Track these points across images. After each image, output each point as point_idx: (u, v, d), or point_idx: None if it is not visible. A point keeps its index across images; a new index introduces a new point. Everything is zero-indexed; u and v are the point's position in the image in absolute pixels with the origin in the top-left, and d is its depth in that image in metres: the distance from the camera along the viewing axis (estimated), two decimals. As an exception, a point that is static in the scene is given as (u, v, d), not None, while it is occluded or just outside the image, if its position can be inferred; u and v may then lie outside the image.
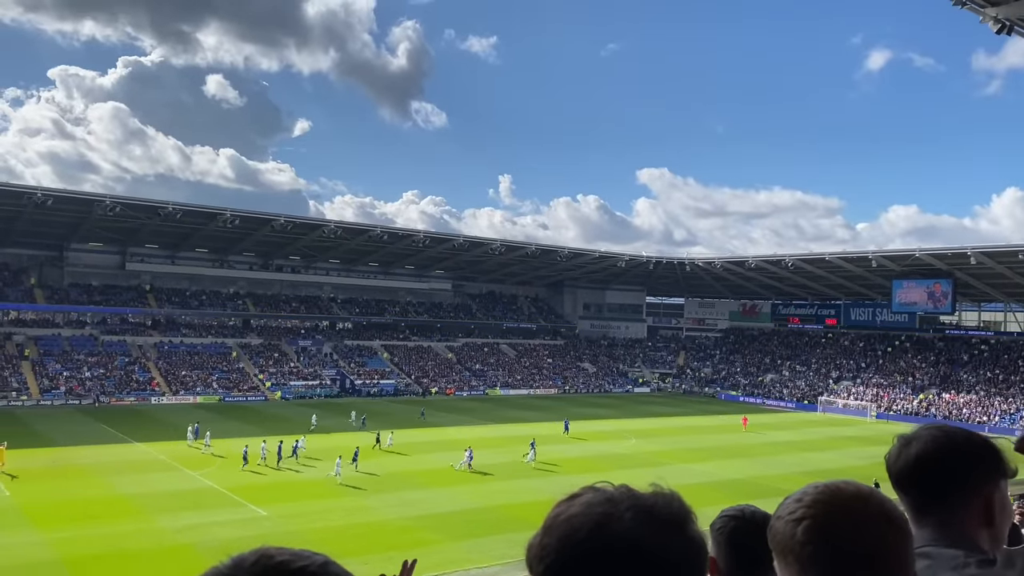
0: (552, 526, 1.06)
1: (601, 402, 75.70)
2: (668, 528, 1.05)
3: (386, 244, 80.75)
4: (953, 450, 1.62)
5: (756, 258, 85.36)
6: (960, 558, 1.49)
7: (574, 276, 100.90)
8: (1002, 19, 15.87)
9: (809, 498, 1.22)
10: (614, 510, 1.05)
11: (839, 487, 1.23)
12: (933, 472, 1.59)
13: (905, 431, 1.75)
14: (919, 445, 1.63)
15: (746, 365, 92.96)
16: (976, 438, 1.65)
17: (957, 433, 1.66)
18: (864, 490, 1.22)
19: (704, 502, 29.64)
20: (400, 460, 42.17)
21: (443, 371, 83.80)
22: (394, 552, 26.35)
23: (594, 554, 1.02)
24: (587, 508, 1.06)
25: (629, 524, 1.02)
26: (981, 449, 1.62)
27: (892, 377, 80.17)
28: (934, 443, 1.62)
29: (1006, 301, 78.74)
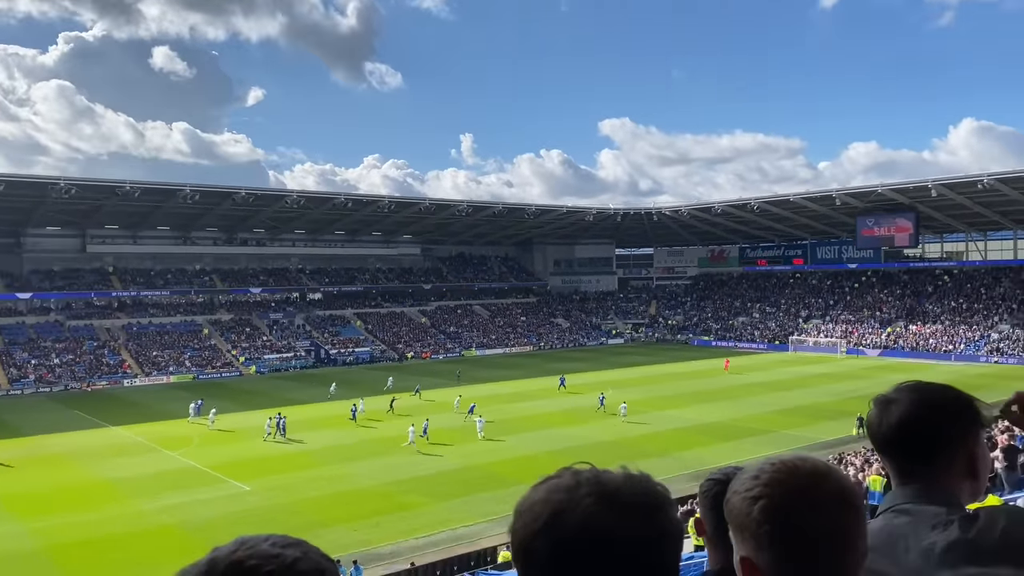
0: (519, 511, 1.07)
1: (576, 356, 76.29)
2: (632, 513, 1.04)
3: (351, 211, 79.90)
4: (934, 411, 1.61)
5: (722, 203, 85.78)
6: (942, 515, 1.49)
7: (543, 233, 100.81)
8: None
9: (766, 476, 1.21)
10: (574, 495, 1.04)
11: (796, 465, 1.22)
12: (917, 436, 1.60)
13: (873, 365, 1.72)
14: (899, 409, 1.63)
15: (717, 310, 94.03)
16: (951, 393, 1.65)
17: (934, 391, 1.65)
18: (820, 467, 1.22)
19: (686, 445, 30.17)
20: (385, 425, 42.20)
21: (417, 335, 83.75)
22: (380, 517, 26.56)
23: (553, 541, 1.02)
24: (549, 493, 1.06)
25: (590, 510, 1.02)
26: (959, 405, 1.63)
27: (860, 313, 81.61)
28: (914, 405, 1.62)
29: (967, 231, 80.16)
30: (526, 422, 42.10)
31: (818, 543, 1.16)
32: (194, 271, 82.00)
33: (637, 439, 37.67)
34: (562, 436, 38.41)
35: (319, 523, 25.80)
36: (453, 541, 24.34)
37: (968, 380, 52.15)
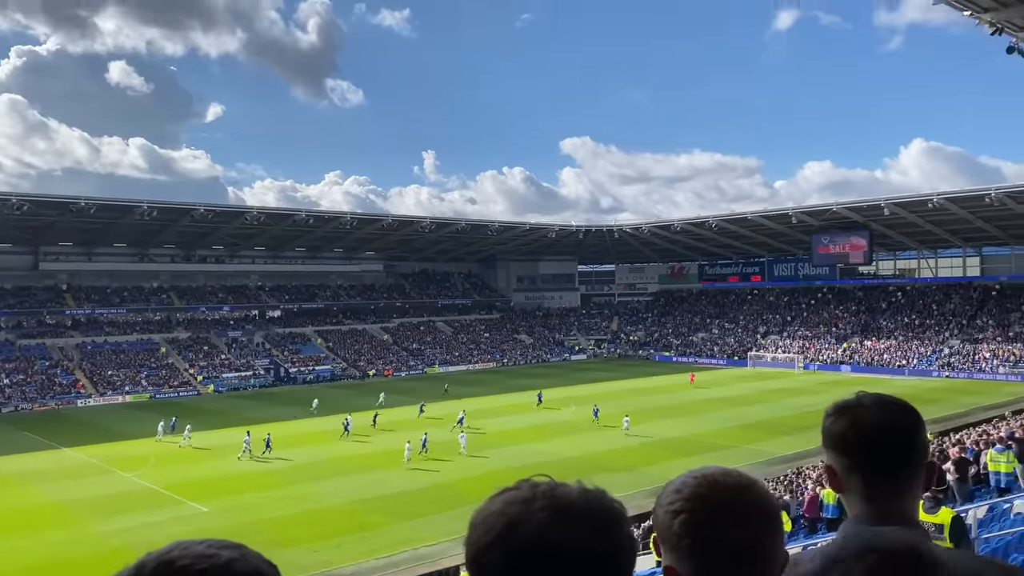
0: (474, 523, 1.06)
1: (540, 372, 76.38)
2: (586, 527, 1.03)
3: (312, 228, 79.31)
4: (908, 417, 1.61)
5: (681, 221, 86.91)
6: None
7: (506, 249, 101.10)
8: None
9: (688, 491, 1.23)
10: (528, 509, 1.03)
11: (717, 480, 1.23)
12: (891, 442, 1.59)
13: (830, 380, 1.79)
14: (869, 415, 1.61)
15: (677, 326, 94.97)
16: (911, 407, 1.64)
17: (895, 402, 1.63)
18: (743, 482, 1.23)
19: (650, 461, 30.29)
20: (348, 444, 41.76)
21: (380, 353, 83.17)
22: (342, 537, 26.25)
23: (505, 554, 1.02)
24: (504, 506, 1.05)
25: (543, 524, 1.01)
26: (919, 419, 1.63)
27: (817, 328, 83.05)
28: (887, 412, 1.61)
29: (919, 249, 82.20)
30: (495, 439, 41.99)
31: (738, 556, 1.18)
32: (151, 288, 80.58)
33: (602, 454, 37.81)
34: (530, 452, 38.39)
35: (278, 543, 25.41)
36: (415, 561, 24.14)
37: (922, 394, 53.34)
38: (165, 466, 37.58)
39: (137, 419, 52.21)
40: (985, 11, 18.26)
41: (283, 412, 52.95)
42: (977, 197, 63.78)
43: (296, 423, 48.60)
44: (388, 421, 48.36)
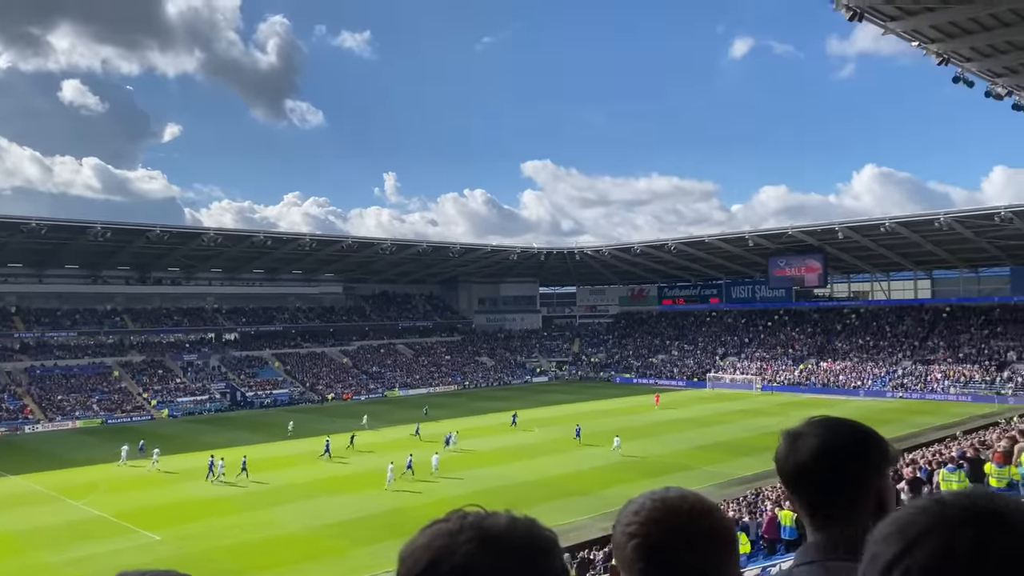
0: (402, 557, 1.06)
1: (501, 395, 76.18)
2: (513, 558, 1.02)
3: (270, 249, 78.44)
4: (846, 444, 1.61)
5: (641, 244, 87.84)
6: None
7: (468, 271, 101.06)
8: (853, 7, 16.91)
9: (644, 513, 1.25)
10: (454, 541, 1.02)
11: (674, 504, 1.24)
12: (830, 470, 1.58)
13: (787, 401, 1.80)
14: (811, 442, 1.62)
15: (637, 348, 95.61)
16: (860, 430, 1.64)
17: (844, 426, 1.64)
18: (699, 507, 1.24)
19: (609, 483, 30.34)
20: (308, 469, 41.09)
21: (339, 376, 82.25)
22: (300, 564, 25.77)
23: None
24: (431, 539, 1.04)
25: (469, 555, 1.01)
26: (867, 442, 1.62)
27: (774, 350, 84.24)
28: (826, 439, 1.61)
29: (872, 272, 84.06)
30: (465, 461, 41.68)
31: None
32: (104, 311, 78.81)
33: (561, 477, 37.74)
34: (491, 476, 38.17)
35: (231, 572, 24.87)
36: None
37: (875, 415, 54.35)
38: (116, 493, 36.58)
39: (88, 445, 50.84)
40: (932, 42, 18.91)
41: (239, 437, 51.94)
42: (927, 221, 65.57)
43: (262, 447, 47.71)
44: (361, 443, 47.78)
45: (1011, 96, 22.73)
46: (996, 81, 21.79)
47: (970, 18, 17.70)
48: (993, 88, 22.03)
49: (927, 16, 17.66)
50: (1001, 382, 64.80)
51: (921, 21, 17.93)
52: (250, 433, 53.74)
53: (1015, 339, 70.66)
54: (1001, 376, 65.78)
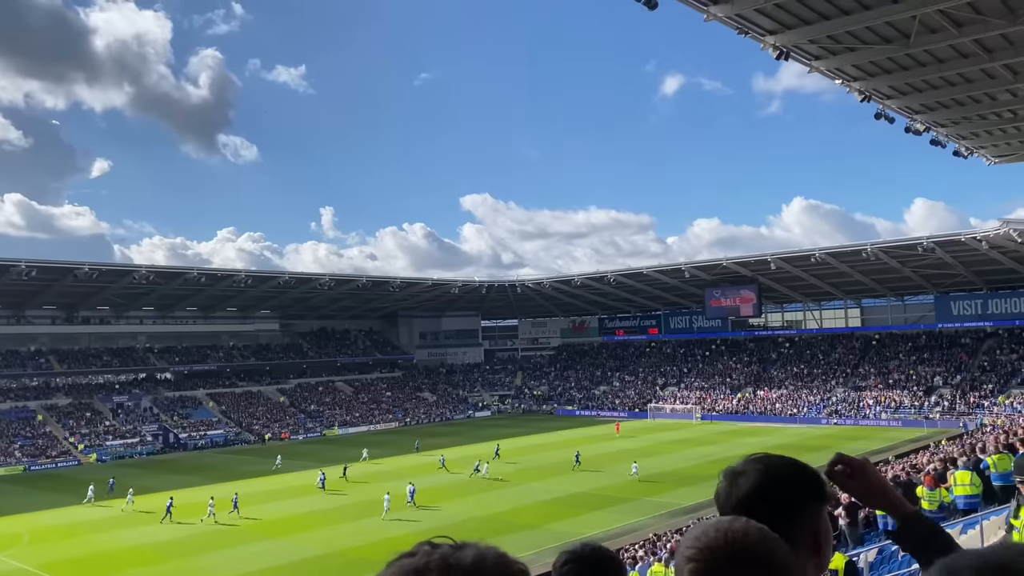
0: None
1: (443, 431, 75.39)
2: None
3: (204, 287, 76.62)
4: (781, 483, 1.62)
5: (581, 276, 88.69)
6: None
7: (408, 306, 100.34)
8: (780, 46, 17.51)
9: (704, 540, 1.30)
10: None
11: (736, 535, 1.30)
12: (763, 510, 1.58)
13: (727, 429, 1.77)
14: (748, 481, 1.62)
15: (579, 379, 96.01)
16: (797, 465, 1.66)
17: (781, 464, 1.66)
18: (756, 540, 1.29)
19: (556, 517, 30.16)
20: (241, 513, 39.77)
21: (276, 415, 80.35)
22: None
23: None
24: (396, 572, 1.03)
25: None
26: (803, 478, 1.64)
27: (712, 379, 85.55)
28: (761, 478, 1.62)
29: (804, 301, 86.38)
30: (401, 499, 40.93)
31: None
32: (28, 352, 75.64)
33: (508, 512, 37.39)
34: (432, 517, 37.54)
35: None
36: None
37: (811, 441, 55.47)
38: (40, 543, 34.80)
39: (9, 494, 48.38)
40: (854, 80, 19.69)
41: (173, 480, 50.06)
42: (855, 252, 67.83)
43: (197, 489, 46.03)
44: (287, 487, 46.57)
45: (928, 132, 23.77)
46: (914, 117, 22.76)
47: (888, 58, 18.51)
48: (912, 124, 22.99)
49: (849, 55, 18.40)
50: (929, 407, 66.94)
51: (843, 60, 18.67)
52: (185, 475, 51.92)
53: (940, 364, 73.25)
54: (928, 401, 67.97)
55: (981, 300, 72.71)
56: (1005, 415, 53.84)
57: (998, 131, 23.94)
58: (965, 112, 22.17)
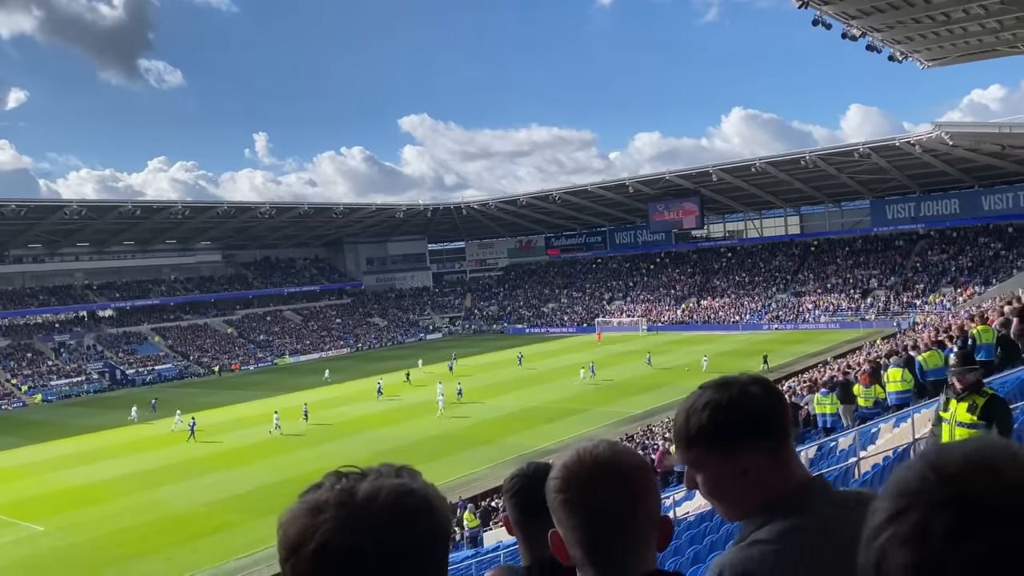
0: (278, 529, 1.06)
1: (396, 354, 75.75)
2: (379, 528, 1.02)
3: (140, 219, 74.38)
4: (727, 412, 1.62)
5: (526, 195, 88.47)
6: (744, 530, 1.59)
7: (353, 232, 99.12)
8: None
9: (566, 459, 1.44)
10: (315, 521, 1.02)
11: (593, 453, 1.42)
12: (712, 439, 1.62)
13: (672, 339, 1.82)
14: (702, 415, 1.63)
15: (528, 298, 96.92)
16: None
17: (737, 381, 1.66)
18: (615, 456, 1.42)
19: (510, 431, 30.78)
20: (190, 446, 39.74)
21: (224, 347, 79.61)
22: (197, 541, 25.10)
23: (300, 563, 1.02)
24: (297, 514, 1.05)
25: (329, 534, 1.01)
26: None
27: (657, 292, 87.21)
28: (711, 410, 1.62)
29: (745, 211, 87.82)
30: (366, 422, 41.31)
31: (606, 521, 1.37)
32: (-43, 295, 73.07)
33: (464, 429, 38.11)
34: (390, 436, 38.05)
35: (128, 556, 24.00)
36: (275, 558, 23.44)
37: (753, 347, 57.32)
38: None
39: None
40: (792, -14, 19.59)
41: (122, 417, 49.56)
42: (794, 160, 68.86)
43: (159, 423, 45.74)
44: (238, 418, 46.60)
45: (864, 37, 23.92)
46: (851, 23, 22.86)
47: (826, -38, 18.42)
48: (848, 30, 23.12)
49: (787, -40, 18.25)
50: (864, 308, 69.51)
51: (781, -35, 18.53)
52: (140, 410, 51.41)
53: (876, 267, 75.77)
54: (864, 303, 70.54)
55: (914, 203, 74.87)
56: (935, 313, 56.24)
57: (932, 34, 24.21)
58: (900, 16, 22.33)
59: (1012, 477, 0.72)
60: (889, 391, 16.33)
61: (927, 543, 0.73)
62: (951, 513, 0.73)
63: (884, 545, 0.77)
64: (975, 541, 0.69)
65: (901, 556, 0.74)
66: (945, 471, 0.75)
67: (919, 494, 0.76)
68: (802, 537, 1.54)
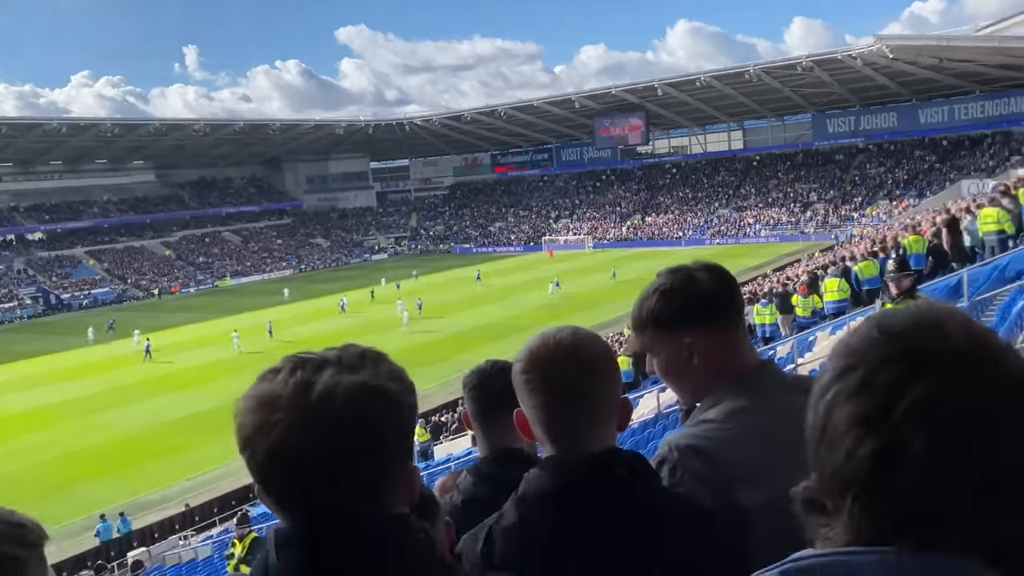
0: (234, 415, 1.05)
1: (341, 275, 74.99)
2: (333, 424, 1.00)
3: (67, 137, 71.05)
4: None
5: (471, 111, 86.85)
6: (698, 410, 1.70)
7: (291, 149, 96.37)
8: None
9: (531, 344, 1.50)
10: (269, 418, 1.00)
11: (556, 337, 1.48)
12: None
13: (618, 256, 1.80)
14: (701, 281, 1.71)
15: (475, 217, 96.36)
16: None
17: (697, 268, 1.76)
18: (576, 338, 1.48)
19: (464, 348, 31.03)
20: (139, 368, 39.12)
21: (163, 269, 77.73)
22: (147, 463, 24.99)
23: (252, 456, 1.01)
24: (252, 406, 1.03)
25: (285, 432, 0.99)
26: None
27: (603, 209, 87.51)
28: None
29: (690, 127, 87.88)
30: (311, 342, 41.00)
31: (567, 398, 1.42)
32: None
33: (420, 346, 38.15)
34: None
35: (76, 479, 23.82)
36: (228, 476, 23.53)
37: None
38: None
39: None
40: None
41: (62, 342, 48.41)
42: (738, 74, 68.75)
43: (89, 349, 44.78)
44: (193, 339, 45.93)
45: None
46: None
47: None
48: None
49: None
50: (804, 222, 70.97)
51: None
52: (75, 337, 50.20)
53: (816, 181, 77.06)
54: (804, 216, 71.97)
55: (854, 117, 75.82)
56: (872, 226, 57.74)
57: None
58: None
59: (954, 334, 0.76)
60: (826, 300, 16.81)
61: (874, 395, 0.75)
62: (897, 366, 0.76)
63: (831, 401, 0.79)
64: (918, 390, 0.72)
65: (848, 408, 0.77)
66: (891, 330, 0.78)
67: (866, 351, 0.79)
68: (749, 418, 1.60)
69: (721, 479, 1.53)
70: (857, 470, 0.76)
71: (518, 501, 1.44)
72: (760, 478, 1.46)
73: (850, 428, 0.76)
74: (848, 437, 0.76)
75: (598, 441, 1.44)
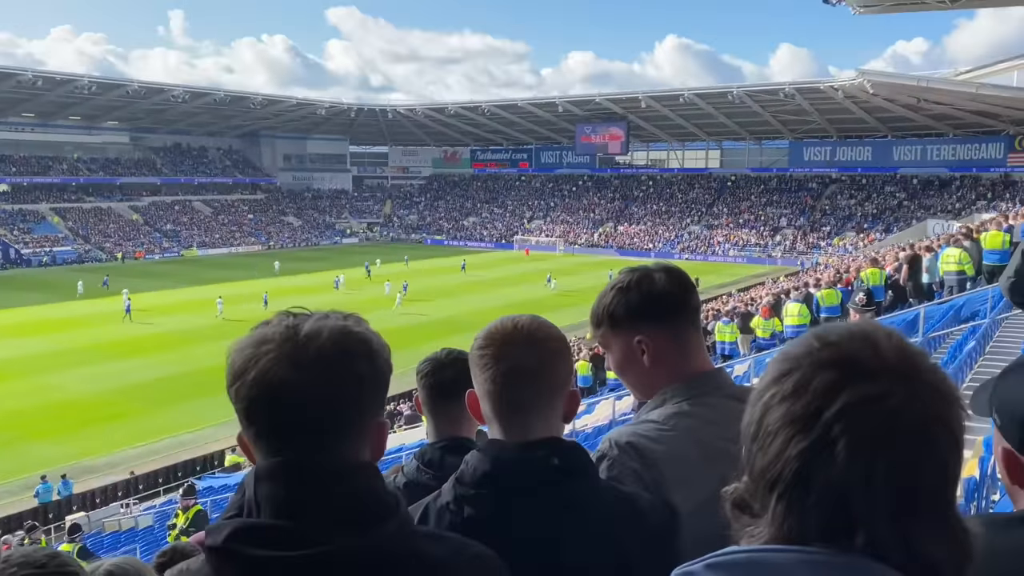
0: (227, 358, 1.13)
1: (310, 255, 74.42)
2: (316, 366, 1.08)
3: (42, 91, 69.47)
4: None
5: (455, 104, 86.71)
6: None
7: (271, 125, 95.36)
8: None
9: (488, 329, 1.56)
10: (259, 351, 1.09)
11: (512, 321, 1.56)
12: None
13: (588, 261, 1.91)
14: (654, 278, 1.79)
15: (449, 210, 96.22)
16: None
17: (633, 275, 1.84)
18: (531, 324, 1.54)
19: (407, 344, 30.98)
20: (85, 332, 38.49)
21: (128, 233, 76.50)
22: (93, 427, 24.64)
23: (238, 394, 1.10)
24: (244, 346, 1.11)
25: (271, 363, 1.07)
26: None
27: (577, 214, 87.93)
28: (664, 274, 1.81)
29: (669, 141, 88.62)
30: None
31: (518, 377, 1.46)
32: None
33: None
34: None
35: (22, 438, 23.42)
36: (178, 447, 23.32)
37: (665, 274, 58.65)
38: None
39: None
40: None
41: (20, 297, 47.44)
42: (721, 94, 69.48)
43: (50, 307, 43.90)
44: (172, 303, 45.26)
45: (804, -25, 24.00)
46: (792, -41, 22.84)
47: None
48: (789, -34, 23.09)
49: None
50: (772, 245, 71.95)
51: None
52: (37, 292, 49.24)
53: (787, 207, 78.16)
54: (773, 240, 72.98)
55: (830, 147, 77.02)
56: (837, 256, 58.70)
57: (867, -20, 24.50)
58: (840, -42, 22.45)
59: (885, 345, 0.82)
60: (787, 324, 17.11)
61: (806, 398, 0.81)
62: (831, 372, 0.81)
63: (767, 402, 0.85)
64: (848, 394, 0.78)
65: (782, 409, 0.83)
66: (827, 339, 0.84)
67: (803, 357, 0.84)
68: (688, 422, 1.65)
69: (656, 479, 1.58)
70: (784, 469, 0.81)
71: (456, 481, 1.47)
72: (692, 481, 1.50)
73: (781, 428, 0.81)
74: (779, 437, 0.81)
75: (544, 429, 1.46)
